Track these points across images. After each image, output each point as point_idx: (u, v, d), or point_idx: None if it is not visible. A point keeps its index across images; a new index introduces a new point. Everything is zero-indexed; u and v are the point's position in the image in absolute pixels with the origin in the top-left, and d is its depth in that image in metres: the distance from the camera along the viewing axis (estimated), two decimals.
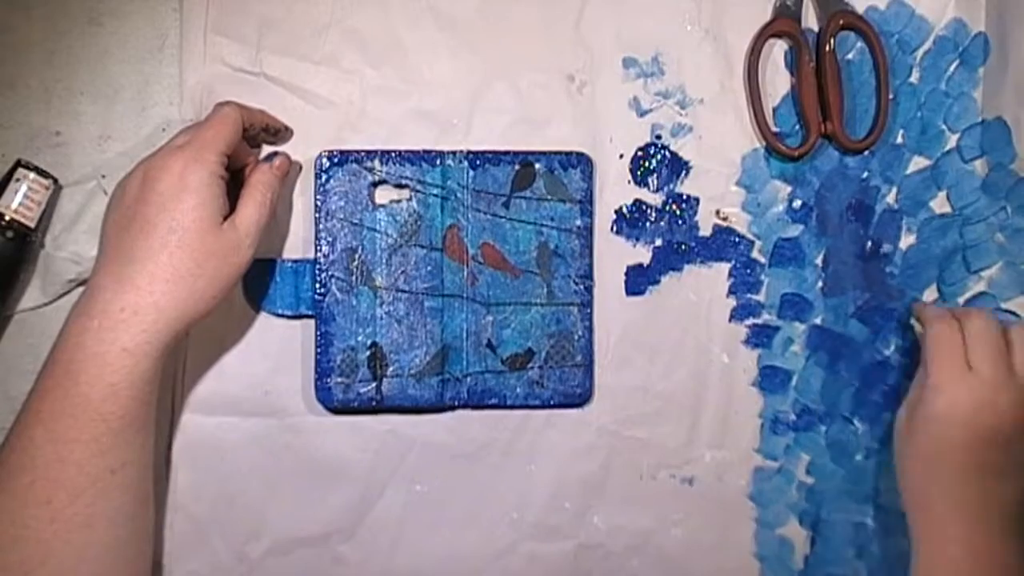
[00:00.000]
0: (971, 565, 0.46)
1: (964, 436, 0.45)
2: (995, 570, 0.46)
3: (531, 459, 0.54)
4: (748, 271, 0.55)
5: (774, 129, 0.55)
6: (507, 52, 0.54)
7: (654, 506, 0.54)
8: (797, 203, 0.55)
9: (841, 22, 0.54)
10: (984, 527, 0.46)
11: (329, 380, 0.52)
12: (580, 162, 0.53)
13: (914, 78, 0.56)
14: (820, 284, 0.55)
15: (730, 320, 0.55)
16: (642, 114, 0.55)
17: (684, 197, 0.55)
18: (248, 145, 0.51)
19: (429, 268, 0.52)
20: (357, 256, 0.52)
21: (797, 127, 0.55)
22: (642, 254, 0.54)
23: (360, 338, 0.52)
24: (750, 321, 0.55)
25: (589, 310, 0.53)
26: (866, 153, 0.55)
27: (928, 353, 0.48)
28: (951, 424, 0.46)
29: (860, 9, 0.55)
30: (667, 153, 0.55)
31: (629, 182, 0.55)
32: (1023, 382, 0.47)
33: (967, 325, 0.48)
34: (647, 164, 0.55)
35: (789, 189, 0.55)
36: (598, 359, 0.54)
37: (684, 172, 0.55)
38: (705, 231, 0.55)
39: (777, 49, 0.56)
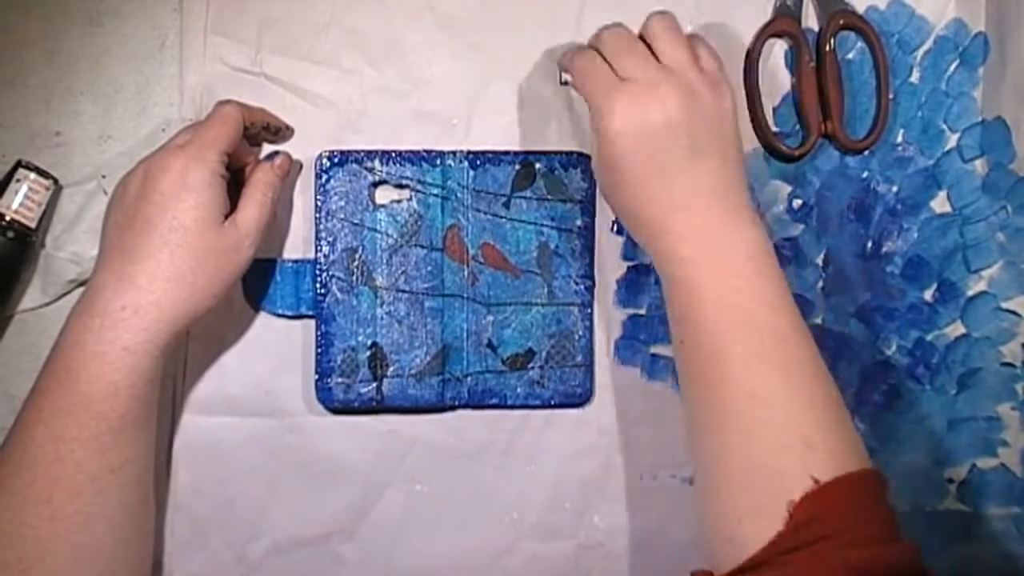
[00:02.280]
0: (714, 239, 0.44)
1: (644, 138, 0.44)
2: (735, 235, 0.45)
3: (531, 459, 0.54)
4: None
5: (774, 129, 0.55)
6: (507, 52, 0.54)
7: (654, 506, 0.54)
8: (797, 203, 0.55)
9: (841, 22, 0.54)
10: (710, 204, 0.45)
11: (329, 380, 0.52)
12: (580, 162, 0.53)
13: (914, 78, 0.56)
14: (820, 284, 0.55)
15: None
16: None
17: None
18: (249, 144, 0.51)
19: (429, 268, 0.52)
20: (357, 256, 0.52)
21: (797, 127, 0.55)
22: (642, 254, 0.54)
23: (360, 338, 0.52)
24: None
25: (589, 310, 0.53)
26: (866, 153, 0.55)
27: (581, 87, 0.46)
28: (627, 135, 0.44)
29: (860, 9, 0.55)
30: None
31: None
32: (674, 68, 0.45)
33: (601, 44, 0.47)
34: None
35: (789, 189, 0.55)
36: (598, 359, 0.54)
37: None
38: None
39: (777, 49, 0.56)
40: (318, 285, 0.52)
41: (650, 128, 0.44)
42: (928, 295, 0.55)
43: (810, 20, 0.56)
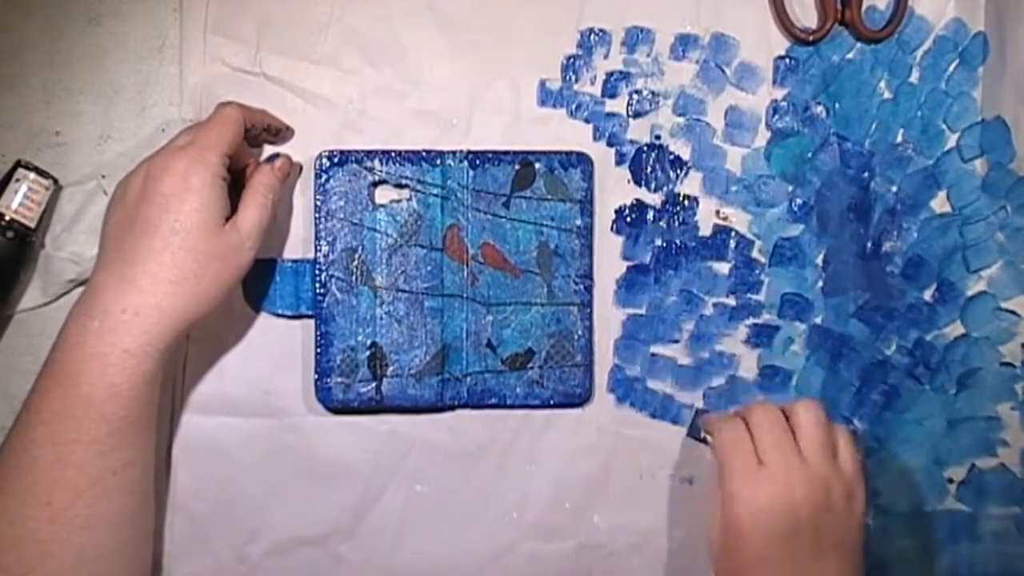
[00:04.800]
0: None
1: (771, 533, 0.45)
2: None
3: (531, 459, 0.54)
4: (748, 271, 0.55)
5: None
6: (507, 52, 0.54)
7: (654, 506, 0.54)
8: (797, 203, 0.55)
9: None
10: None
11: (329, 380, 0.52)
12: (580, 162, 0.53)
13: (914, 78, 0.56)
14: (820, 284, 0.55)
15: (730, 320, 0.55)
16: (642, 114, 0.55)
17: (684, 197, 0.55)
18: (249, 145, 0.51)
19: (429, 268, 0.52)
20: (357, 256, 0.52)
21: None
22: (642, 254, 0.54)
23: (360, 338, 0.52)
24: (750, 321, 0.55)
25: (589, 310, 0.53)
26: (866, 146, 0.55)
27: (722, 458, 0.48)
28: (755, 526, 0.46)
29: (860, 9, 0.55)
30: (667, 153, 0.55)
31: (629, 182, 0.55)
32: (812, 464, 0.47)
33: (750, 420, 0.49)
34: (647, 164, 0.55)
35: (789, 188, 0.55)
36: (598, 359, 0.54)
37: (684, 172, 0.55)
38: (705, 231, 0.55)
39: None
40: (318, 285, 0.52)
41: (779, 523, 0.45)
42: (928, 295, 0.55)
43: None
